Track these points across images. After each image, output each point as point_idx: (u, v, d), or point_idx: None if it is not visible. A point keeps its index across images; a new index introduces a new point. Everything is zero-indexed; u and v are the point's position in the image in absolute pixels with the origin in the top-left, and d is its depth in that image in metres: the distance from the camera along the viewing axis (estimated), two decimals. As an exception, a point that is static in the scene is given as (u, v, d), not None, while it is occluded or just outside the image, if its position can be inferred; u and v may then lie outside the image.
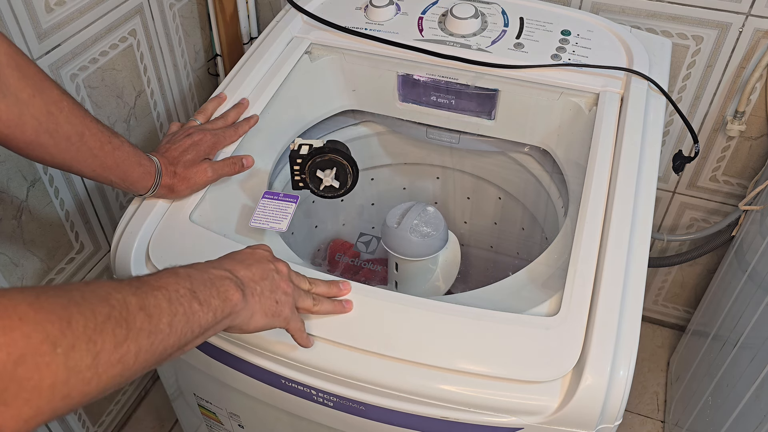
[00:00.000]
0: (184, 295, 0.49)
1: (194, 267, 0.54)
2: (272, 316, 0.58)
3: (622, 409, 0.59)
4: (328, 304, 0.63)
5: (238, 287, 0.54)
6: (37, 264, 0.97)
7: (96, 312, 0.41)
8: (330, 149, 0.76)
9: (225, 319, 0.53)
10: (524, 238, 1.07)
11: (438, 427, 0.63)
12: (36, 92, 0.60)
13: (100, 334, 0.40)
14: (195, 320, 0.49)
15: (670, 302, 1.46)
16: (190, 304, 0.49)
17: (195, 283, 0.50)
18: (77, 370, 0.38)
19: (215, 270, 0.54)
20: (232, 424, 0.84)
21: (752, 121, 1.09)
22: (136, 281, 0.47)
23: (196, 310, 0.49)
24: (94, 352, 0.39)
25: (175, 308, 0.47)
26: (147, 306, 0.45)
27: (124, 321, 0.42)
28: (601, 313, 0.61)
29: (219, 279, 0.53)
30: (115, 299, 0.43)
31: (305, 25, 0.96)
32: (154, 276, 0.49)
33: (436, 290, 0.89)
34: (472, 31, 0.91)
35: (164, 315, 0.46)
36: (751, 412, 0.89)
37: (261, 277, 0.57)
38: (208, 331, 0.51)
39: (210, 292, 0.51)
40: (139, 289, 0.46)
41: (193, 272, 0.52)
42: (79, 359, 0.39)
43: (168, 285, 0.48)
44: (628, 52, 0.88)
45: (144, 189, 0.71)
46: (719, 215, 1.24)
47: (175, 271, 0.51)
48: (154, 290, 0.47)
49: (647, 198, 0.72)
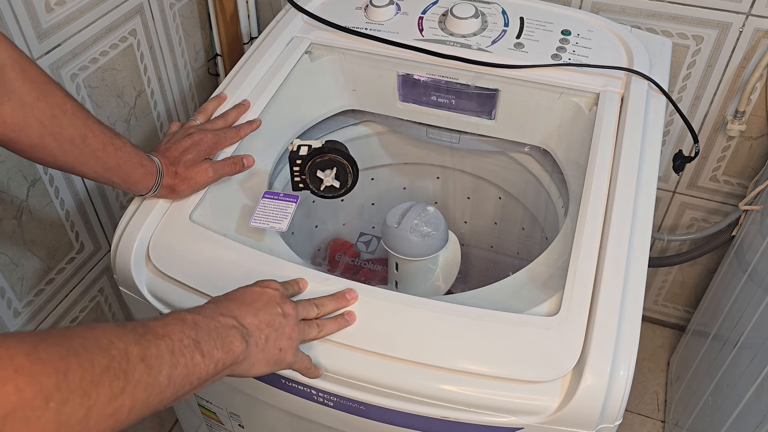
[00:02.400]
0: (188, 346, 0.48)
1: (202, 312, 0.53)
2: (274, 363, 0.58)
3: (623, 409, 0.59)
4: (331, 324, 0.63)
5: (243, 338, 0.53)
6: (37, 264, 0.97)
7: (95, 363, 0.40)
8: (330, 149, 0.76)
9: (225, 369, 0.52)
10: (524, 238, 1.07)
11: (438, 427, 0.63)
12: (40, 95, 0.60)
13: (96, 387, 0.39)
14: (195, 372, 0.48)
15: (670, 302, 1.46)
16: (192, 355, 0.48)
17: (200, 333, 0.50)
18: (68, 425, 0.38)
19: (223, 318, 0.54)
20: (232, 423, 0.84)
21: (752, 120, 1.09)
22: (141, 327, 0.46)
23: (198, 362, 0.48)
24: (88, 406, 0.39)
25: (177, 360, 0.46)
26: (148, 357, 0.44)
27: (122, 373, 0.42)
28: (601, 313, 0.61)
29: (225, 329, 0.53)
30: (117, 349, 0.42)
31: (305, 24, 0.96)
32: (161, 322, 0.48)
33: (436, 290, 0.89)
34: (473, 30, 0.91)
35: (165, 367, 0.45)
36: (752, 412, 0.89)
37: (267, 324, 0.57)
38: (207, 381, 0.50)
39: (214, 343, 0.50)
40: (143, 337, 0.45)
41: (200, 320, 0.51)
42: (71, 414, 0.38)
43: (173, 334, 0.48)
44: (628, 52, 0.88)
45: (145, 189, 0.71)
46: (719, 215, 1.24)
47: (182, 318, 0.50)
48: (157, 339, 0.46)
49: (647, 198, 0.72)
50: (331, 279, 0.67)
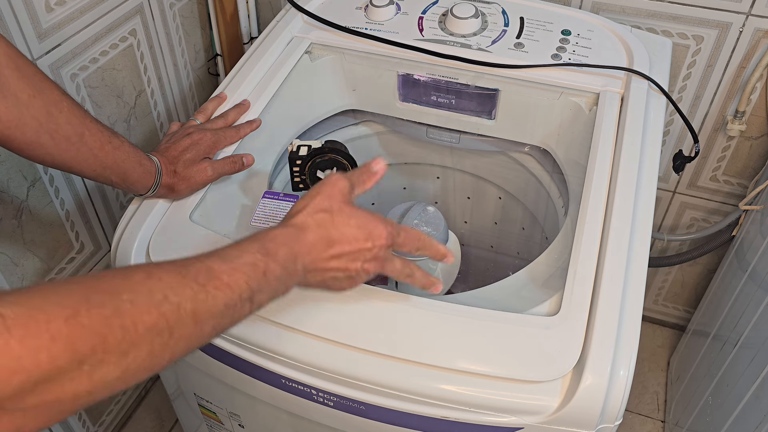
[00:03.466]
0: (245, 300, 0.46)
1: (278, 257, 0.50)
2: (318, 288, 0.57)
3: (623, 408, 0.59)
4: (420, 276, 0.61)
5: (297, 282, 0.52)
6: (37, 264, 0.97)
7: (140, 321, 0.38)
8: (329, 149, 0.76)
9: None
10: (524, 238, 1.07)
11: (438, 426, 0.63)
12: (36, 93, 0.60)
13: (136, 346, 0.38)
14: (238, 318, 0.47)
15: (670, 302, 1.46)
16: (243, 306, 0.46)
17: (263, 287, 0.48)
18: (103, 382, 0.37)
19: (293, 266, 0.51)
20: (232, 423, 0.84)
21: (752, 120, 1.09)
22: (205, 274, 0.44)
23: (246, 311, 0.47)
24: (125, 366, 0.38)
25: (228, 312, 0.45)
26: (200, 311, 0.42)
27: (168, 330, 0.40)
28: (602, 313, 0.61)
29: (288, 279, 0.51)
30: (169, 304, 0.40)
31: (305, 24, 0.96)
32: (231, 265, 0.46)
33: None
34: (473, 30, 0.91)
35: (213, 319, 0.44)
36: (752, 412, 0.89)
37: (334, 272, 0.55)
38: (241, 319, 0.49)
39: (268, 294, 0.49)
40: (203, 288, 0.43)
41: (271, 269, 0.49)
42: (106, 373, 0.37)
43: (237, 285, 0.45)
44: (628, 52, 0.88)
45: (144, 189, 0.71)
46: (719, 215, 1.24)
47: (254, 264, 0.48)
48: (217, 290, 0.44)
49: (647, 198, 0.72)
50: (331, 279, 0.67)
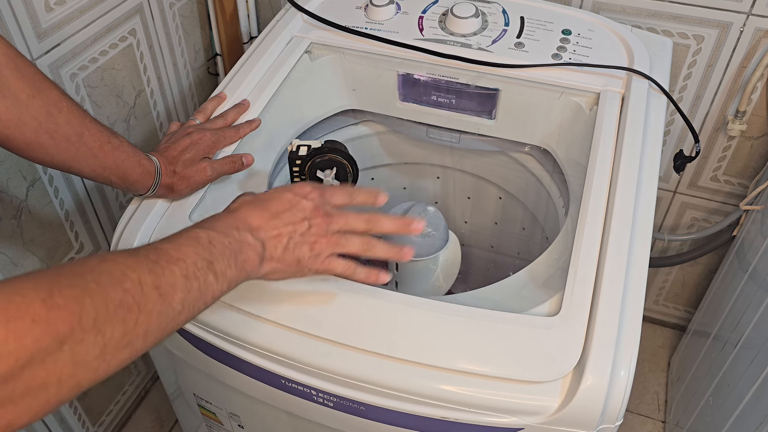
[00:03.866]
0: (201, 269, 0.47)
1: (216, 228, 0.51)
2: (293, 272, 0.57)
3: (623, 409, 0.59)
4: (383, 248, 0.59)
5: (257, 253, 0.53)
6: (36, 264, 0.96)
7: (108, 300, 0.40)
8: (329, 149, 0.76)
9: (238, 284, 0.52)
10: (525, 238, 1.06)
11: (438, 427, 0.63)
12: (35, 93, 0.60)
13: (110, 323, 0.40)
14: (209, 293, 0.48)
15: (670, 302, 1.46)
16: (205, 277, 0.48)
17: (214, 253, 0.49)
18: (85, 363, 0.39)
19: (238, 232, 0.52)
20: (231, 424, 0.84)
21: (753, 120, 1.09)
22: (154, 253, 0.46)
23: (210, 282, 0.48)
24: (102, 343, 0.39)
25: (191, 284, 0.46)
26: (162, 285, 0.44)
27: (136, 305, 0.42)
28: (602, 313, 0.61)
29: (239, 245, 0.52)
30: (130, 280, 0.42)
31: (305, 24, 0.96)
32: (174, 243, 0.48)
33: (437, 290, 0.89)
34: (473, 30, 0.91)
35: (178, 292, 0.45)
36: (752, 412, 0.89)
37: (287, 234, 0.55)
38: (220, 297, 0.50)
39: (228, 262, 0.50)
40: (156, 264, 0.45)
41: (214, 237, 0.50)
42: (86, 352, 0.38)
43: (187, 257, 0.47)
44: (628, 52, 0.88)
45: (144, 189, 0.71)
46: (720, 215, 1.24)
47: (196, 237, 0.49)
48: (171, 264, 0.46)
49: (648, 198, 0.72)
50: (330, 279, 0.67)
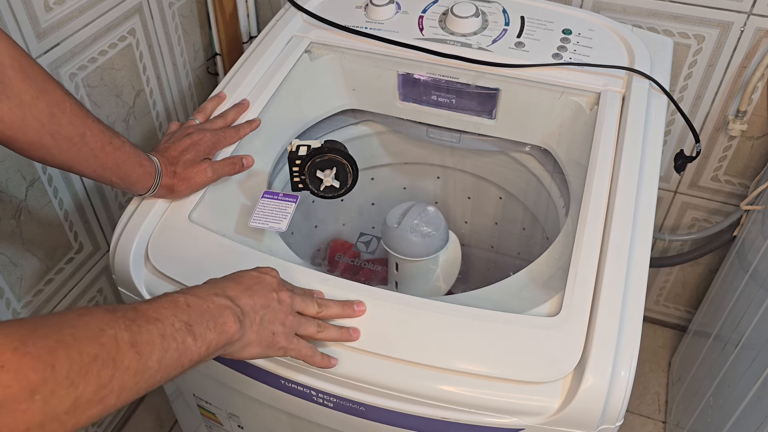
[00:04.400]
0: (179, 329, 0.48)
1: (195, 294, 0.53)
2: (267, 347, 0.57)
3: (624, 409, 0.59)
4: (333, 330, 0.61)
5: (237, 318, 0.54)
6: (36, 264, 0.96)
7: (83, 353, 0.40)
8: (329, 149, 0.76)
9: (219, 349, 0.52)
10: (525, 238, 1.06)
11: (438, 427, 0.63)
12: (39, 94, 0.59)
13: (84, 377, 0.40)
14: (186, 355, 0.48)
15: (671, 302, 1.46)
16: (184, 339, 0.48)
17: (192, 315, 0.50)
18: (54, 415, 0.38)
19: (217, 298, 0.54)
20: (231, 424, 0.84)
21: (754, 120, 1.09)
22: (132, 312, 0.46)
23: (189, 344, 0.48)
24: (75, 396, 0.39)
25: (168, 344, 0.46)
26: (138, 343, 0.44)
27: (111, 361, 0.42)
28: (603, 314, 0.60)
29: (219, 309, 0.53)
30: (107, 336, 0.42)
31: (305, 24, 0.96)
32: (153, 305, 0.48)
33: (437, 290, 0.89)
34: (473, 30, 0.90)
35: (155, 352, 0.45)
36: (753, 412, 0.89)
37: (262, 306, 0.57)
38: (199, 362, 0.51)
39: (207, 324, 0.51)
40: (133, 322, 0.45)
41: (192, 301, 0.51)
42: (57, 404, 0.38)
43: (164, 317, 0.47)
44: (629, 51, 0.88)
45: (144, 189, 0.71)
46: (721, 215, 1.24)
47: (174, 300, 0.50)
48: (149, 323, 0.46)
49: (648, 198, 0.72)
50: (330, 279, 0.67)
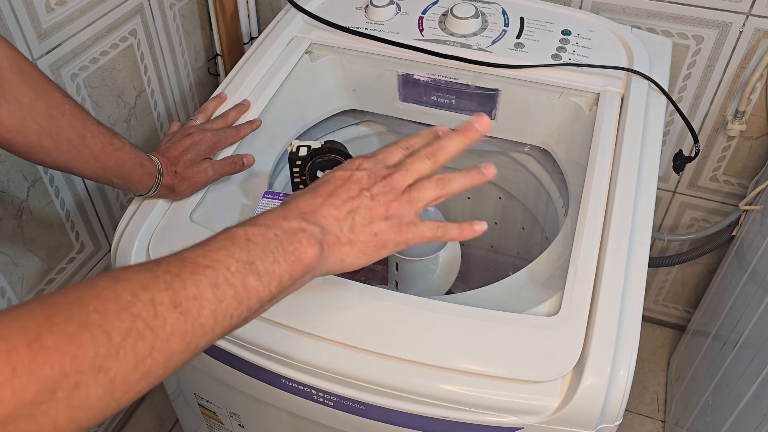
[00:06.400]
0: (238, 271, 0.41)
1: (259, 223, 0.46)
2: (374, 251, 0.51)
3: (623, 409, 0.59)
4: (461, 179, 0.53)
5: (316, 239, 0.47)
6: (37, 264, 0.97)
7: (112, 331, 0.35)
8: (329, 149, 0.76)
9: (299, 279, 0.46)
10: (524, 238, 1.07)
11: (438, 426, 0.63)
12: (38, 96, 0.60)
13: (115, 359, 0.35)
14: (252, 297, 0.42)
15: (670, 302, 1.46)
16: (244, 281, 0.42)
17: (254, 251, 0.43)
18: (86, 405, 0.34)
19: (287, 222, 0.47)
20: (232, 423, 0.84)
21: (753, 120, 1.09)
22: (178, 263, 0.40)
23: (252, 286, 0.42)
24: (107, 381, 0.34)
25: (223, 292, 0.40)
26: (182, 301, 0.38)
27: (149, 330, 0.36)
28: (602, 313, 0.61)
29: (288, 234, 0.46)
30: (141, 303, 0.37)
31: (305, 24, 0.96)
32: (204, 249, 0.42)
33: (437, 290, 0.89)
34: (473, 30, 0.91)
35: (206, 305, 0.39)
36: (752, 412, 0.89)
37: (348, 212, 0.50)
38: (274, 300, 0.45)
39: (275, 257, 0.44)
40: (177, 277, 0.39)
41: (254, 233, 0.44)
42: (86, 395, 0.34)
43: (217, 262, 0.41)
44: (628, 52, 0.88)
45: (145, 189, 0.71)
46: (719, 215, 1.24)
47: (231, 237, 0.44)
48: (196, 274, 0.40)
49: (647, 198, 0.72)
50: (330, 279, 0.67)
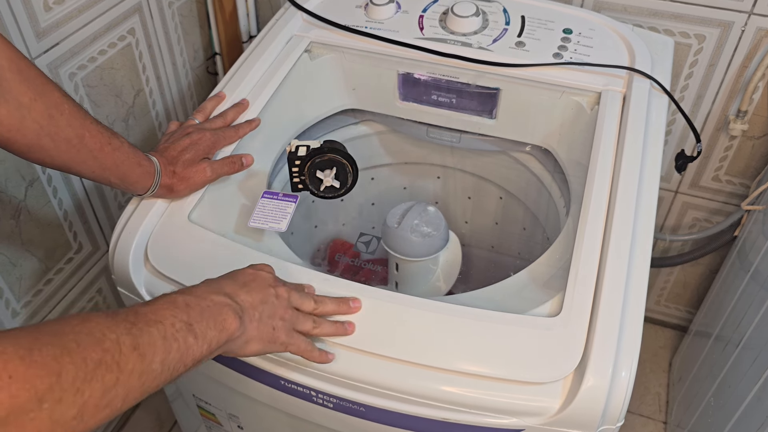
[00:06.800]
0: (180, 330, 0.48)
1: (193, 293, 0.53)
2: (268, 342, 0.58)
3: (624, 410, 0.59)
4: (328, 326, 0.62)
5: (237, 314, 0.54)
6: (35, 264, 0.96)
7: (88, 359, 0.40)
8: (329, 149, 0.76)
9: (221, 347, 0.53)
10: (525, 238, 1.06)
11: (438, 428, 0.63)
12: (37, 96, 0.60)
13: (89, 383, 0.40)
14: (189, 355, 0.49)
15: (672, 302, 1.45)
16: (185, 338, 0.48)
17: (192, 315, 0.50)
18: (62, 422, 0.38)
19: (215, 296, 0.54)
20: (231, 425, 0.84)
21: (755, 120, 1.09)
22: (132, 315, 0.46)
23: (191, 344, 0.49)
24: (81, 403, 0.39)
25: (170, 345, 0.47)
26: (140, 345, 0.44)
27: (115, 365, 0.42)
28: (603, 314, 0.60)
29: (218, 307, 0.53)
30: (109, 341, 0.42)
31: (305, 23, 0.95)
32: (151, 307, 0.49)
33: (437, 290, 0.89)
34: (473, 29, 0.90)
35: (158, 353, 0.46)
36: (754, 413, 0.89)
37: (260, 302, 0.57)
38: (202, 361, 0.51)
39: (207, 323, 0.51)
40: (134, 326, 0.45)
41: (191, 300, 0.51)
42: (65, 411, 0.38)
43: (164, 319, 0.48)
44: (630, 51, 0.88)
45: (143, 189, 0.71)
46: (721, 215, 1.24)
47: (172, 301, 0.50)
48: (149, 326, 0.46)
49: (649, 198, 0.72)
50: (330, 279, 0.66)
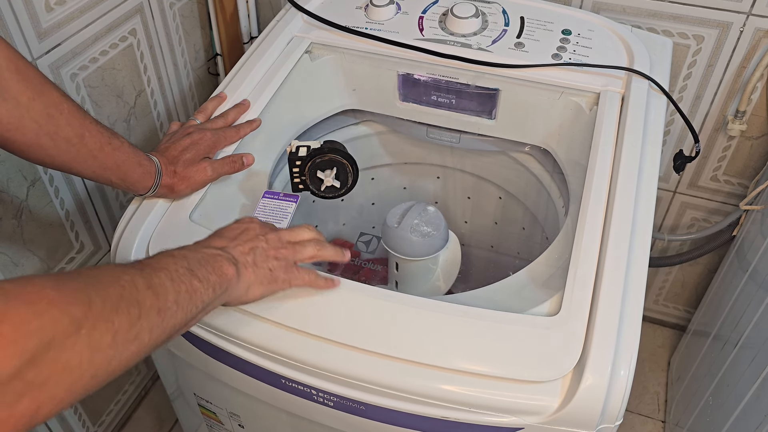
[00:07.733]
0: (184, 274, 0.52)
1: (187, 248, 0.57)
2: (269, 283, 0.61)
3: (623, 409, 0.59)
4: (331, 249, 0.66)
5: (231, 263, 0.57)
6: (37, 264, 0.97)
7: (110, 293, 0.44)
8: (329, 149, 0.76)
9: (223, 293, 0.56)
10: (525, 238, 1.06)
11: (438, 427, 0.63)
12: (36, 95, 0.60)
13: (117, 314, 0.43)
14: (197, 296, 0.52)
15: (670, 302, 1.46)
16: (190, 281, 0.52)
17: (191, 263, 0.53)
18: (99, 349, 0.41)
19: (207, 249, 0.57)
20: (232, 423, 0.84)
21: (753, 120, 1.09)
22: (138, 264, 0.50)
23: (196, 287, 0.52)
24: (113, 331, 0.42)
25: (178, 286, 0.50)
26: (153, 285, 0.48)
27: (135, 301, 0.45)
28: (602, 313, 0.61)
29: (212, 257, 0.56)
30: (125, 280, 0.46)
31: (305, 24, 0.96)
32: (153, 258, 0.52)
33: (437, 290, 0.89)
34: (473, 30, 0.91)
35: (170, 293, 0.49)
36: (752, 412, 0.89)
37: (251, 249, 0.60)
38: (209, 306, 0.54)
39: (206, 269, 0.54)
40: (142, 270, 0.49)
41: (187, 253, 0.55)
42: (100, 338, 0.41)
43: (168, 266, 0.51)
44: (629, 52, 0.88)
45: (144, 189, 0.71)
46: (720, 215, 1.24)
47: (170, 253, 0.54)
48: (156, 271, 0.50)
49: (648, 197, 0.72)
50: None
